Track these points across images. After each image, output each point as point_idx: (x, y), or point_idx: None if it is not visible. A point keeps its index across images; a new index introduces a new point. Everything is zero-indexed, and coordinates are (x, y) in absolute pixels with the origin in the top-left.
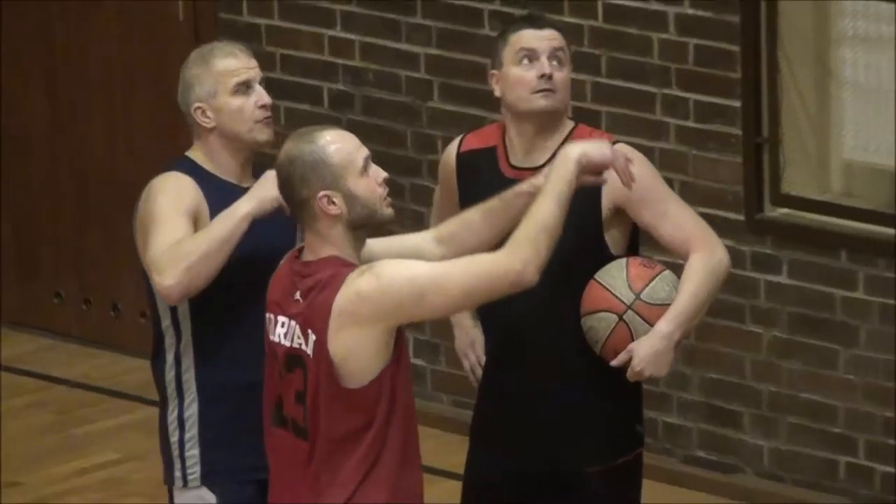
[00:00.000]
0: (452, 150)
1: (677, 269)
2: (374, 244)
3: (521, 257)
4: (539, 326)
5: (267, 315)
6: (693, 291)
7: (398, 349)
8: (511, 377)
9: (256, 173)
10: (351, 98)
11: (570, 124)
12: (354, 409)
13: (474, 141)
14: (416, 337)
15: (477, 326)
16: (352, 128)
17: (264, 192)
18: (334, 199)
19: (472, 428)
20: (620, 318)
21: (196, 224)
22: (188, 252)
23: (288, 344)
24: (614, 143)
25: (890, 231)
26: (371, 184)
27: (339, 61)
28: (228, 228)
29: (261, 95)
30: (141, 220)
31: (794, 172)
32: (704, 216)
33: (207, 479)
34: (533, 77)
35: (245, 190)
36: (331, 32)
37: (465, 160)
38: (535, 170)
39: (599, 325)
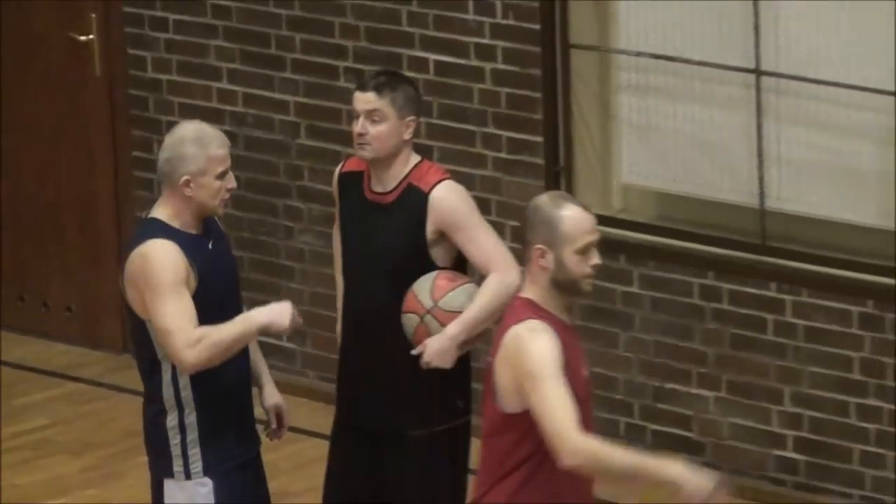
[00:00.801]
0: (337, 170)
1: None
2: None
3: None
4: (377, 319)
5: None
6: (483, 305)
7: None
8: (356, 355)
9: (205, 223)
10: (235, 137)
11: (415, 159)
12: (508, 430)
13: (352, 164)
14: None
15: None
16: (236, 161)
17: (281, 319)
18: (546, 256)
19: (337, 395)
20: (421, 318)
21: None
22: (215, 343)
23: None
24: (445, 177)
25: (658, 239)
26: (582, 265)
27: (226, 107)
28: (247, 335)
29: (231, 181)
30: (146, 285)
31: (584, 193)
32: (515, 229)
33: (208, 471)
34: (354, 132)
35: (202, 236)
36: (218, 85)
37: (344, 178)
38: (387, 194)
39: (408, 322)
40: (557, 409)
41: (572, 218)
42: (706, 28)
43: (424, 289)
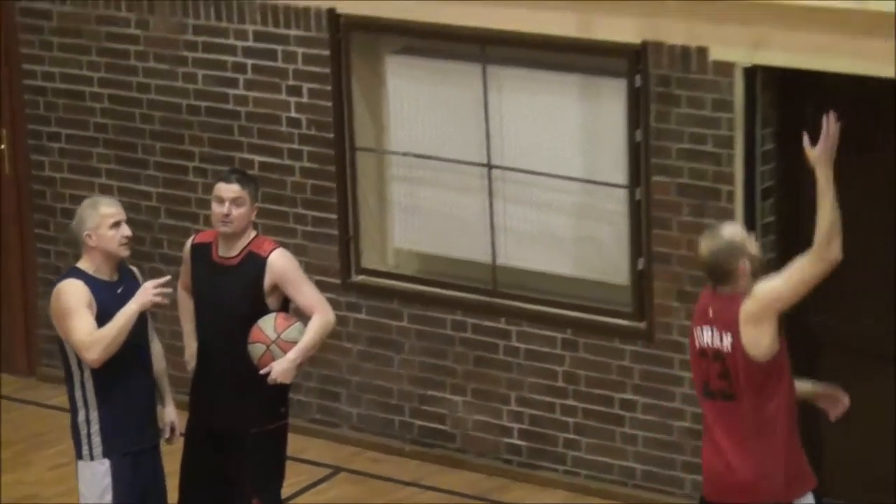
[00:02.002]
0: (189, 242)
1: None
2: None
3: (829, 256)
4: (225, 348)
5: (695, 328)
6: (313, 337)
7: (782, 340)
8: (209, 375)
9: (121, 271)
10: None
11: (253, 233)
12: (766, 373)
13: (200, 238)
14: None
15: (195, 341)
16: None
17: (145, 297)
18: (746, 265)
19: (189, 401)
20: (268, 347)
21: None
22: (104, 336)
23: (709, 343)
24: (277, 246)
25: (421, 287)
26: (757, 252)
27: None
28: (127, 320)
29: (125, 230)
30: (58, 312)
31: (367, 255)
32: (320, 280)
33: (107, 454)
34: (220, 213)
35: (114, 283)
36: (99, 181)
37: (196, 248)
38: (233, 258)
39: (256, 350)
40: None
41: (741, 234)
42: (454, 133)
43: (269, 325)
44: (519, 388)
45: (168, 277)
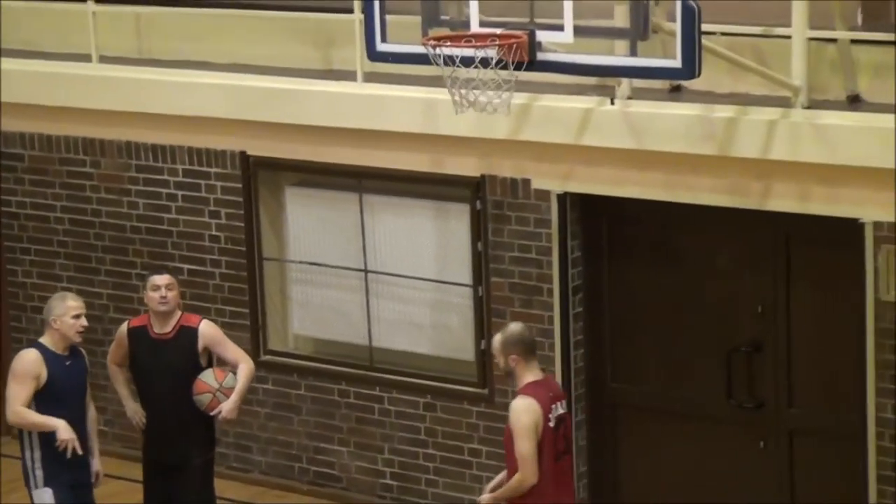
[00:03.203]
0: (125, 327)
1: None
2: None
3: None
4: (172, 401)
5: (549, 407)
6: (244, 381)
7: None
8: (158, 421)
9: (72, 349)
10: None
11: (179, 312)
12: None
13: (134, 323)
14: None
15: (137, 401)
16: None
17: (63, 434)
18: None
19: (143, 446)
20: (214, 394)
21: (37, 378)
22: (24, 420)
23: (560, 413)
24: (202, 318)
25: (315, 364)
26: None
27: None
28: (45, 427)
29: (83, 321)
30: (12, 370)
31: (273, 340)
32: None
33: (47, 483)
34: (157, 297)
35: (65, 356)
36: (61, 284)
37: (133, 332)
38: (168, 332)
39: (203, 398)
40: None
41: (520, 325)
42: (338, 246)
43: (210, 377)
44: (391, 440)
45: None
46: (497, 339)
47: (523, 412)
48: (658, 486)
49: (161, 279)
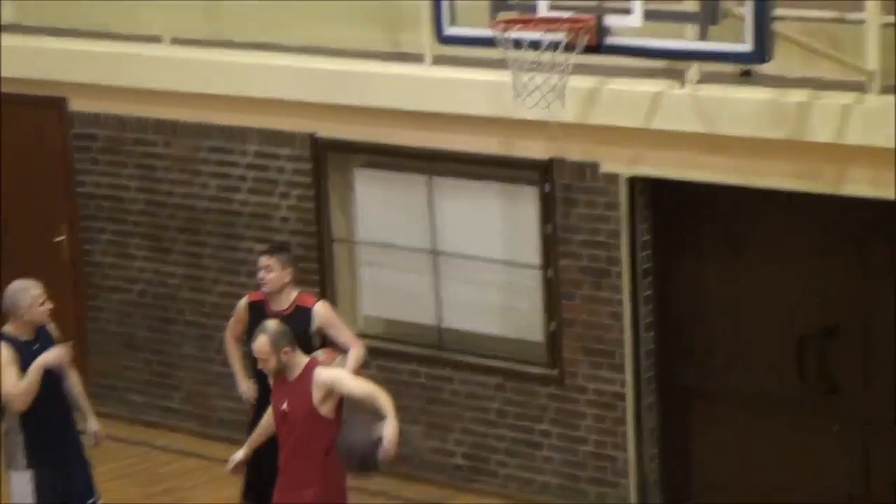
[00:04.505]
0: (245, 301)
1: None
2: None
3: None
4: None
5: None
6: (352, 365)
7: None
8: (268, 399)
9: (38, 331)
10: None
11: (297, 290)
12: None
13: (254, 297)
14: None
15: (249, 378)
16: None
17: (55, 359)
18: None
19: (250, 422)
20: None
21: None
22: (24, 388)
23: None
24: (319, 299)
25: (384, 344)
26: None
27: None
28: (38, 373)
29: (49, 304)
30: None
31: (343, 320)
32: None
33: (29, 465)
34: (259, 278)
35: (32, 341)
36: (135, 264)
37: (252, 305)
38: (283, 310)
39: None
40: None
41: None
42: (407, 227)
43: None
44: (461, 421)
45: (67, 346)
46: (263, 340)
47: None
48: (728, 470)
49: (261, 260)
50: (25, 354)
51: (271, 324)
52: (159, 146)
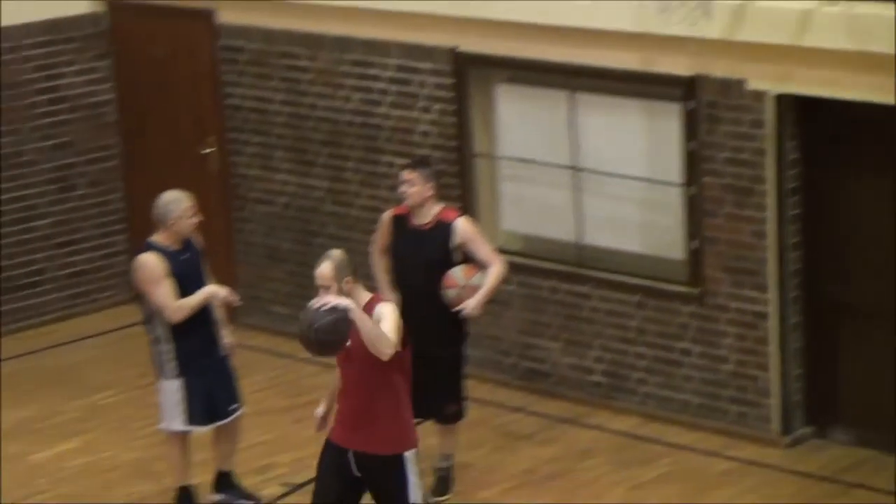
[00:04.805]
0: (388, 214)
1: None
2: None
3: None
4: (423, 293)
5: None
6: (492, 282)
7: None
8: (411, 313)
9: (185, 241)
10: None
11: (440, 205)
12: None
13: (397, 211)
14: None
15: (393, 291)
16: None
17: (218, 294)
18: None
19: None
20: (459, 291)
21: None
22: (184, 307)
23: None
24: (460, 213)
25: (524, 260)
26: None
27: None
28: (203, 298)
29: (196, 218)
30: (144, 278)
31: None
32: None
33: (178, 375)
34: (401, 192)
35: (180, 251)
36: (279, 176)
37: (395, 219)
38: (425, 225)
39: (450, 293)
40: None
41: None
42: (548, 143)
43: (458, 274)
44: (600, 338)
45: (233, 298)
46: (327, 266)
47: (395, 312)
48: (875, 388)
49: (402, 174)
50: (175, 264)
51: (336, 251)
52: (303, 59)
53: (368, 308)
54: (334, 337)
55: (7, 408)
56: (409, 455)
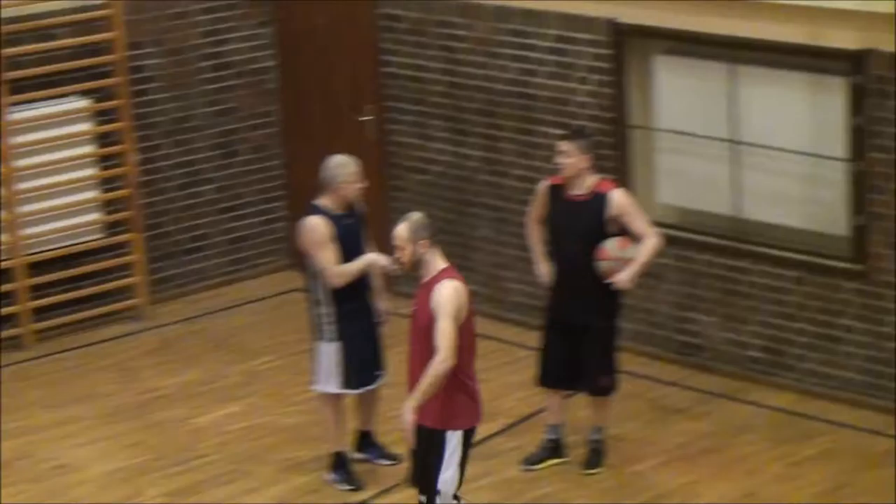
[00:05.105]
0: (544, 184)
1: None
2: None
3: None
4: (578, 264)
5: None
6: (645, 255)
7: None
8: (564, 284)
9: (350, 207)
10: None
11: (597, 177)
12: None
13: (555, 180)
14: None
15: (547, 262)
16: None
17: (378, 262)
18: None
19: (548, 304)
20: (612, 263)
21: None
22: (345, 273)
23: None
24: (616, 186)
25: (680, 233)
26: None
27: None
28: (361, 268)
29: (361, 184)
30: (310, 241)
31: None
32: None
33: (336, 337)
34: (557, 163)
35: (345, 215)
36: (434, 145)
37: (551, 189)
38: (580, 196)
39: (604, 265)
40: None
41: None
42: (706, 116)
43: (612, 246)
44: (758, 313)
45: (393, 266)
46: (403, 227)
47: (455, 292)
48: None
49: (559, 145)
50: (339, 227)
51: (417, 214)
52: (461, 28)
53: (434, 282)
54: None
55: (171, 372)
56: (450, 435)
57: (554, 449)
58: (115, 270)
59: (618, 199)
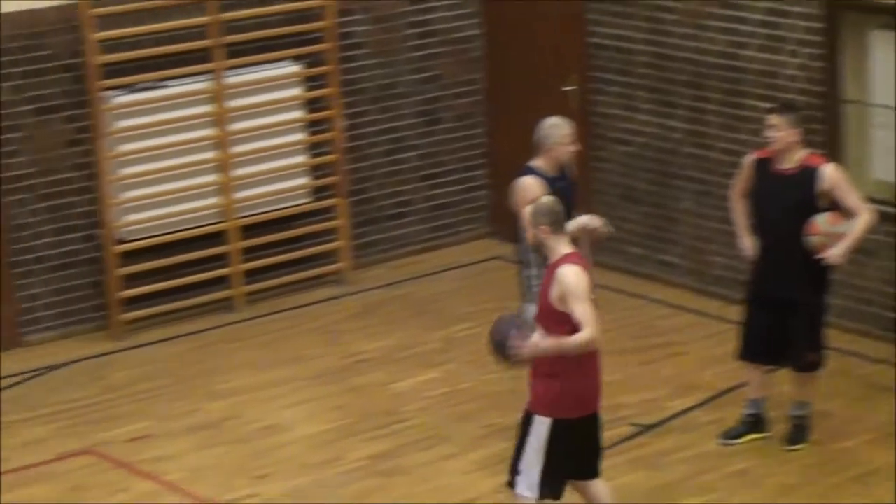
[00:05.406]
0: (751, 157)
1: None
2: None
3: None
4: (785, 238)
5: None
6: (858, 231)
7: None
8: (769, 259)
9: (560, 170)
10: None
11: (806, 151)
12: None
13: (760, 154)
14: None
15: (751, 235)
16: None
17: (593, 223)
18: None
19: (752, 278)
20: (823, 238)
21: None
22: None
23: None
24: (827, 161)
25: (890, 209)
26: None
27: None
28: (573, 231)
29: (575, 146)
30: (520, 201)
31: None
32: None
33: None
34: (767, 136)
35: (557, 178)
36: (639, 116)
37: (758, 162)
38: (789, 170)
39: (814, 240)
40: None
41: None
42: None
43: (823, 221)
44: None
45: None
46: (527, 210)
47: (579, 276)
48: None
49: (768, 118)
50: (552, 189)
51: (544, 198)
52: (669, 0)
53: (557, 265)
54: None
55: (373, 336)
56: (540, 420)
57: (754, 423)
58: (321, 235)
59: (830, 173)
